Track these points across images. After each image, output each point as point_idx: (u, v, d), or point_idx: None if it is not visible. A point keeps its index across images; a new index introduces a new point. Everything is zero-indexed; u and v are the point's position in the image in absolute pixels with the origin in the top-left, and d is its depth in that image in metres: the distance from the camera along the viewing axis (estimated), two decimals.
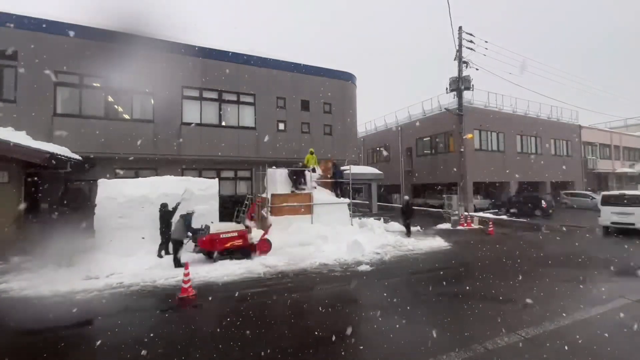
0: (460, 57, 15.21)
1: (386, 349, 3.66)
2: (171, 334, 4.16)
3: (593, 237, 11.46)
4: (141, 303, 5.38)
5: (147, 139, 11.78)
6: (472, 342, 3.75)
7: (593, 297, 5.29)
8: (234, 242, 7.92)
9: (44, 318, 4.71)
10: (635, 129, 35.52)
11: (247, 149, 13.61)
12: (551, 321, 4.34)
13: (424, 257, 8.61)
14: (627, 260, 7.88)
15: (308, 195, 10.89)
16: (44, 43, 10.54)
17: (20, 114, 10.11)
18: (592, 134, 29.62)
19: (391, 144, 27.69)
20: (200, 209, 9.13)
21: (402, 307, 4.97)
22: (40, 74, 10.44)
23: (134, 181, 9.34)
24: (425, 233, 12.38)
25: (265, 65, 14.29)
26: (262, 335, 4.06)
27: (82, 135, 10.72)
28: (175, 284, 6.18)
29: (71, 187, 11.25)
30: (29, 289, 5.93)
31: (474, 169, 20.29)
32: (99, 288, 6.02)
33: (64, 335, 4.19)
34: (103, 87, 11.44)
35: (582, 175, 27.89)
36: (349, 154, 16.33)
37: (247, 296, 5.67)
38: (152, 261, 7.59)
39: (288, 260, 7.91)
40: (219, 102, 13.37)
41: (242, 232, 8.12)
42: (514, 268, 7.36)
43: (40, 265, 7.28)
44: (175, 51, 12.33)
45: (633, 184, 32.04)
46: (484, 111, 21.88)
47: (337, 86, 16.06)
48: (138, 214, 8.49)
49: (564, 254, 8.61)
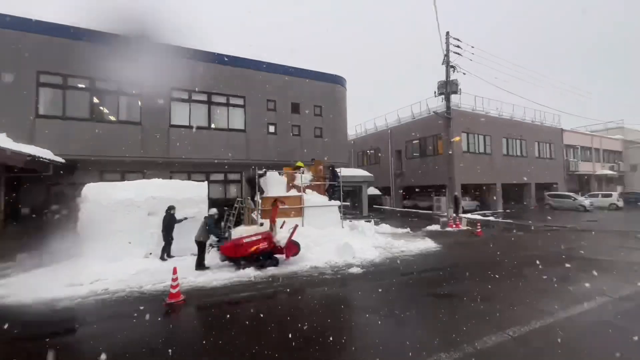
0: (447, 62, 15.50)
1: (377, 351, 3.66)
2: (159, 341, 4.06)
3: (575, 237, 11.80)
4: (127, 309, 5.23)
5: (134, 142, 11.54)
6: (461, 342, 3.80)
7: (578, 295, 5.43)
8: (259, 245, 7.42)
9: (25, 326, 4.53)
10: (615, 132, 36.90)
11: (237, 151, 13.49)
12: (538, 319, 4.44)
13: (414, 258, 8.69)
14: (614, 259, 8.15)
15: (299, 198, 10.85)
16: (26, 43, 10.22)
17: (0, 116, 9.75)
18: (574, 137, 30.63)
19: (381, 147, 27.95)
20: (189, 212, 8.98)
21: (392, 309, 5.00)
22: (21, 74, 10.13)
23: (120, 184, 9.10)
24: (415, 234, 12.50)
25: (256, 67, 14.24)
26: (253, 339, 4.01)
27: (65, 138, 10.42)
28: (163, 289, 6.05)
29: (54, 190, 10.90)
30: (9, 296, 5.70)
31: (462, 171, 20.66)
32: (82, 295, 5.84)
33: (45, 345, 4.03)
34: (88, 88, 11.16)
35: (564, 177, 28.76)
36: (339, 156, 16.39)
37: (237, 301, 5.60)
38: (139, 266, 7.40)
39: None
40: (208, 104, 13.23)
41: (266, 235, 7.64)
42: (502, 268, 7.50)
43: (21, 272, 7.02)
44: (163, 52, 12.15)
45: (612, 185, 33.25)
46: (471, 114, 22.36)
47: (327, 89, 16.14)
48: (124, 218, 8.27)
49: (551, 253, 8.83)
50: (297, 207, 10.60)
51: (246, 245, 7.34)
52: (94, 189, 8.52)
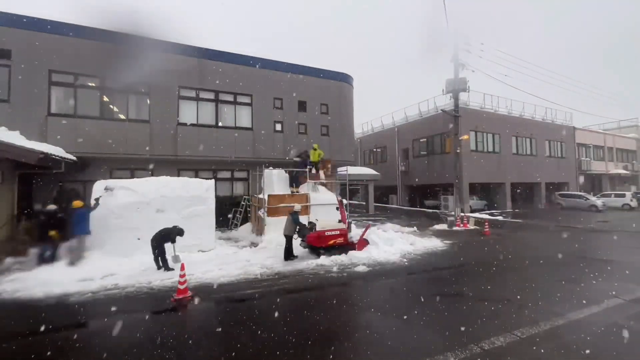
0: (456, 59, 15.31)
1: (383, 349, 3.66)
2: (167, 336, 4.12)
3: (586, 238, 11.57)
4: (137, 305, 5.32)
5: (143, 139, 11.69)
6: (468, 342, 3.77)
7: (587, 297, 5.33)
8: (336, 239, 8.45)
9: (36, 321, 4.64)
10: (629, 130, 35.99)
11: (244, 149, 13.57)
12: (547, 321, 4.37)
13: (421, 257, 8.63)
14: (625, 260, 7.97)
15: (304, 196, 10.88)
16: (39, 42, 10.43)
17: (13, 114, 9.98)
18: (586, 135, 29.96)
19: (388, 145, 27.78)
20: (197, 210, 9.08)
21: (398, 308, 4.98)
22: (34, 73, 10.34)
23: (130, 182, 9.26)
24: (422, 233, 12.42)
25: (263, 66, 14.26)
26: (260, 336, 4.04)
27: (76, 135, 10.62)
28: (171, 285, 6.12)
29: (66, 187, 11.13)
30: (21, 290, 5.85)
31: (470, 170, 20.42)
32: (93, 290, 5.95)
33: (56, 339, 4.14)
34: (98, 86, 11.35)
35: (576, 176, 28.17)
36: (346, 154, 16.35)
37: (244, 297, 5.65)
38: (148, 262, 7.52)
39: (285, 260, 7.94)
40: (215, 102, 13.32)
41: (343, 231, 8.66)
42: (510, 268, 7.41)
43: (33, 266, 7.19)
44: (171, 51, 12.26)
45: (626, 185, 32.47)
46: (480, 112, 22.04)
47: (334, 87, 16.08)
48: (134, 214, 8.41)
49: (560, 253, 8.68)
50: (303, 205, 10.63)
51: (327, 237, 8.38)
52: (103, 185, 8.66)
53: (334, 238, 8.44)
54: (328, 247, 8.34)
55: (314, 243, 8.22)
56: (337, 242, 8.47)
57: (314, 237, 8.24)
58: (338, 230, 8.57)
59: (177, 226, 7.59)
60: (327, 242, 8.33)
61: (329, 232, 8.41)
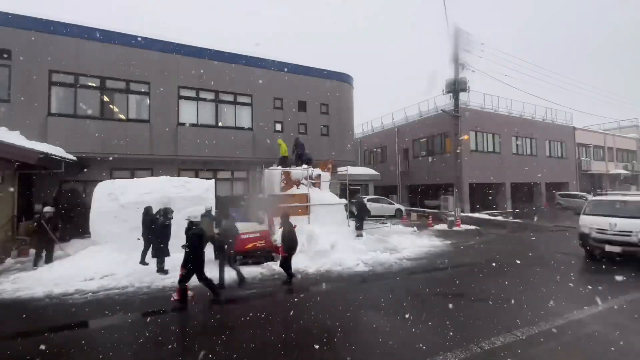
0: (456, 59, 15.30)
1: (383, 349, 3.66)
2: (167, 336, 4.13)
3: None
4: (137, 305, 5.33)
5: (143, 139, 11.69)
6: (468, 342, 3.77)
7: (587, 297, 5.33)
8: (255, 243, 7.53)
9: (37, 320, 4.65)
10: (629, 130, 35.97)
11: (244, 149, 13.56)
12: (547, 321, 4.37)
13: (421, 257, 8.63)
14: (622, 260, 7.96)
15: (305, 196, 10.87)
16: (39, 42, 10.42)
17: (14, 114, 9.97)
18: (586, 135, 29.95)
19: (388, 145, 27.78)
20: (197, 210, 9.06)
21: (399, 307, 4.98)
22: (34, 73, 10.33)
23: (130, 182, 9.26)
24: (422, 234, 12.42)
25: (263, 65, 14.25)
26: (259, 335, 4.04)
27: (76, 135, 10.61)
28: (170, 285, 6.13)
29: (66, 187, 11.13)
30: (22, 290, 5.85)
31: (470, 170, 20.42)
32: (93, 289, 5.96)
33: (56, 339, 4.14)
34: (98, 86, 11.35)
35: (576, 176, 28.17)
36: (346, 154, 16.34)
37: (243, 297, 5.65)
38: (148, 262, 7.51)
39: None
40: (215, 102, 13.32)
41: (264, 233, 7.72)
42: (509, 268, 7.41)
43: (34, 266, 7.20)
44: (171, 51, 12.27)
45: (626, 185, 32.45)
46: (480, 113, 22.04)
47: (334, 87, 16.07)
48: (134, 214, 8.38)
49: (559, 253, 8.69)
50: (304, 205, 10.62)
51: (243, 241, 7.37)
52: (105, 186, 8.72)
53: (252, 242, 7.42)
54: (246, 253, 7.42)
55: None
56: (257, 245, 7.48)
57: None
58: (258, 233, 7.59)
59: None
60: (244, 247, 7.32)
61: (245, 235, 7.34)
